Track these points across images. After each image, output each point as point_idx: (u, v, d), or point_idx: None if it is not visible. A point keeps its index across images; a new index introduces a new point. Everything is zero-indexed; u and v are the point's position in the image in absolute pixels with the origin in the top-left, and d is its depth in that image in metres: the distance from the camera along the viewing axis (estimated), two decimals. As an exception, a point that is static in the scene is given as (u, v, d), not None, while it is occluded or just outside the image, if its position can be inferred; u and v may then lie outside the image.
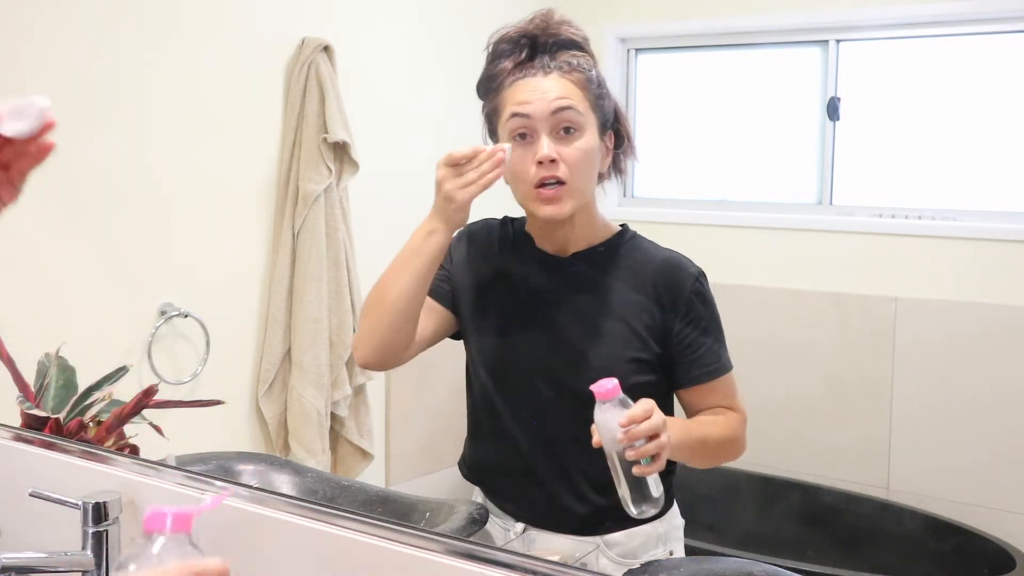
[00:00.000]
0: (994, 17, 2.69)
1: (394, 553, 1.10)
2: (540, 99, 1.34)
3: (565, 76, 1.36)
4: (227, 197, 2.26)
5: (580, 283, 1.41)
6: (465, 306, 1.46)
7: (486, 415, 1.46)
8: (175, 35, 2.11)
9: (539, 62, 1.37)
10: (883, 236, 2.83)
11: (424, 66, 2.75)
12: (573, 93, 1.35)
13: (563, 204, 1.34)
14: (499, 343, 1.43)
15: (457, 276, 1.48)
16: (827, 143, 2.96)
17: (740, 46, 3.11)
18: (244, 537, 1.21)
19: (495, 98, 1.40)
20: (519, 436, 1.42)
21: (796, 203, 3.04)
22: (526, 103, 1.34)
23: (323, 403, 2.36)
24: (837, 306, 2.87)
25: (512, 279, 1.45)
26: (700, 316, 1.39)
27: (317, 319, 2.33)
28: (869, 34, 2.91)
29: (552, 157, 1.32)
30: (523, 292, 1.44)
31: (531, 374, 1.40)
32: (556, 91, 1.34)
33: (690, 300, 1.38)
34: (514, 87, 1.37)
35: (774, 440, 2.91)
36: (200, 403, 1.75)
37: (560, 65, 1.36)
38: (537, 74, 1.36)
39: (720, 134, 3.16)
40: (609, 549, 1.39)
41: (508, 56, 1.39)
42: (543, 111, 1.33)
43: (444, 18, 2.83)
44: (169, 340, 2.14)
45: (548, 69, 1.36)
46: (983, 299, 2.67)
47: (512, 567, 1.05)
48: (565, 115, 1.33)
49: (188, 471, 1.34)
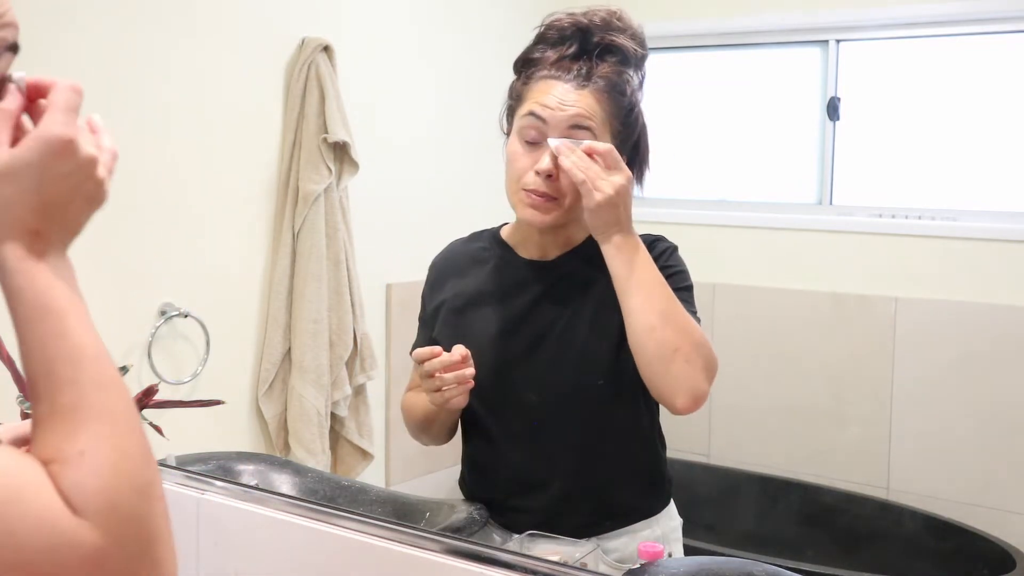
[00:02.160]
0: (994, 17, 2.69)
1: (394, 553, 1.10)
2: (561, 109, 1.30)
3: (596, 95, 1.31)
4: (227, 197, 2.26)
5: (560, 288, 1.39)
6: (447, 330, 1.44)
7: (477, 426, 1.45)
8: (174, 35, 2.11)
9: (579, 67, 1.32)
10: (883, 236, 2.83)
11: (424, 66, 2.75)
12: (596, 115, 1.31)
13: (546, 216, 1.33)
14: (485, 355, 1.39)
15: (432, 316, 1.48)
16: (827, 143, 2.96)
17: (740, 46, 3.11)
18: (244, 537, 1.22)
19: (525, 84, 1.36)
20: (512, 444, 1.42)
21: (796, 203, 3.04)
22: (546, 108, 1.31)
23: (323, 403, 2.36)
24: (837, 306, 2.87)
25: (488, 291, 1.43)
26: (667, 275, 1.34)
27: (317, 319, 2.33)
28: (869, 34, 2.91)
29: (550, 172, 1.30)
30: (501, 303, 1.42)
31: (518, 382, 1.39)
32: (579, 108, 1.30)
33: (657, 261, 1.34)
34: (544, 83, 1.33)
35: (774, 440, 2.91)
36: (200, 403, 1.75)
37: (596, 82, 1.31)
38: (571, 81, 1.31)
39: (720, 134, 3.16)
40: (607, 555, 1.39)
41: (553, 46, 1.34)
42: (559, 123, 1.30)
43: (444, 18, 2.82)
44: (169, 340, 2.14)
45: (584, 82, 1.31)
46: (983, 299, 2.67)
47: (512, 567, 1.05)
48: (579, 134, 1.30)
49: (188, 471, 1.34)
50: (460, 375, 1.30)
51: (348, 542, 1.13)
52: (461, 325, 1.43)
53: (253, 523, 1.20)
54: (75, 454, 0.63)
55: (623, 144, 1.34)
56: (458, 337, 1.41)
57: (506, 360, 1.39)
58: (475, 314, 1.43)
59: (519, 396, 1.38)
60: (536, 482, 1.41)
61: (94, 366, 0.67)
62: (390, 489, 2.45)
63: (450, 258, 1.51)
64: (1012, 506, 2.60)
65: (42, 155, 0.68)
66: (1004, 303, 2.64)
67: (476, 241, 1.50)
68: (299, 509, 1.20)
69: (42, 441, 0.65)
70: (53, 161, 0.69)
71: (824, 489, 2.84)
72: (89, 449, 0.64)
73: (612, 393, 1.33)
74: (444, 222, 2.66)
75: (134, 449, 0.66)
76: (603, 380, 1.33)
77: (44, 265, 0.69)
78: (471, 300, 1.44)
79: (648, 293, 1.27)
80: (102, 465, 0.64)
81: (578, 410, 1.38)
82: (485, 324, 1.42)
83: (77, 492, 0.62)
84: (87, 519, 0.62)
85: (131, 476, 0.65)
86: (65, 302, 0.68)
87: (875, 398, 2.81)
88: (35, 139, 0.68)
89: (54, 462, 0.63)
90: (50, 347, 0.67)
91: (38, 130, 0.69)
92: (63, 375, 0.66)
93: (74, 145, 0.70)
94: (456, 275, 1.48)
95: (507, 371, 1.39)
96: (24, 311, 0.67)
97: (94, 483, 0.63)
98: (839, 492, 2.82)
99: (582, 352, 1.35)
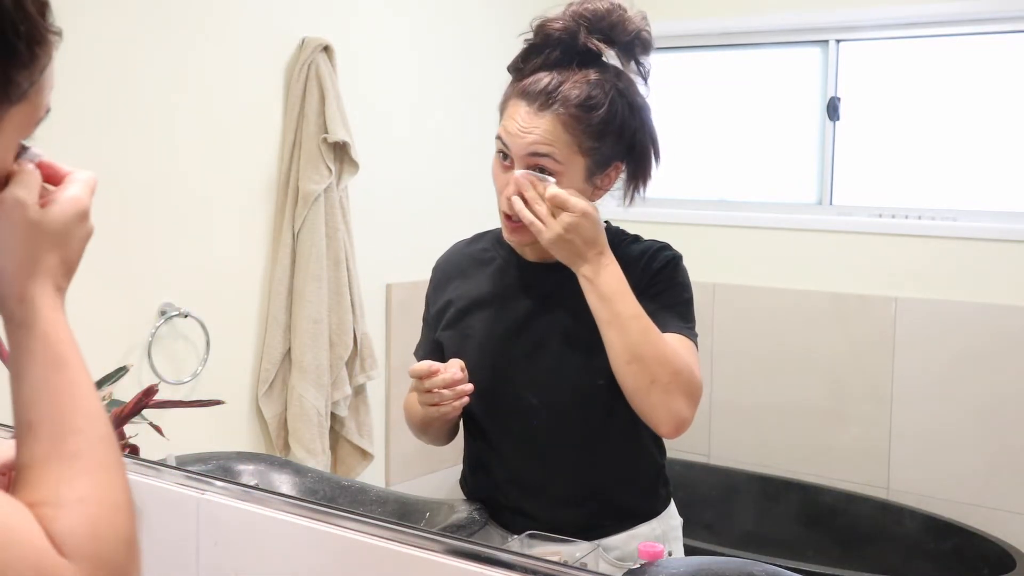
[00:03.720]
0: (994, 17, 2.69)
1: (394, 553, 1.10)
2: (520, 136, 1.29)
3: (560, 118, 1.28)
4: (227, 197, 2.26)
5: (562, 289, 1.38)
6: (450, 332, 1.45)
7: (479, 427, 1.45)
8: (174, 35, 2.11)
9: (550, 82, 1.29)
10: (883, 236, 2.83)
11: (424, 66, 2.75)
12: (558, 139, 1.28)
13: (523, 238, 1.33)
14: (486, 357, 1.40)
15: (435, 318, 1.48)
16: (827, 143, 2.96)
17: (740, 46, 3.11)
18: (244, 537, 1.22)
19: (507, 93, 1.36)
20: (512, 445, 1.42)
21: (796, 203, 3.04)
22: (508, 134, 1.30)
23: (323, 403, 2.36)
24: (837, 306, 2.87)
25: (491, 292, 1.44)
26: (662, 291, 1.35)
27: (317, 319, 2.33)
28: (869, 34, 2.91)
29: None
30: (503, 304, 1.42)
31: (519, 383, 1.39)
32: (538, 134, 1.28)
33: (655, 277, 1.35)
34: (513, 105, 1.32)
35: (774, 440, 2.91)
36: (200, 403, 1.75)
37: (562, 103, 1.28)
38: (535, 102, 1.29)
39: (720, 134, 3.16)
40: (608, 552, 1.39)
41: (538, 52, 1.32)
42: (520, 149, 1.29)
43: (444, 18, 2.82)
44: (169, 340, 2.14)
45: (547, 103, 1.28)
46: (983, 299, 2.67)
47: (512, 567, 1.05)
48: (539, 161, 1.29)
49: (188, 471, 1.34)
50: (459, 390, 1.31)
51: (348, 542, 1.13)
52: (463, 327, 1.43)
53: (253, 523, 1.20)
54: (74, 500, 0.67)
55: (603, 156, 1.32)
56: (460, 339, 1.42)
57: (507, 362, 1.39)
58: (477, 316, 1.43)
59: (520, 398, 1.38)
60: (536, 483, 1.41)
61: (99, 419, 0.73)
62: (390, 489, 2.45)
63: (453, 260, 1.51)
64: (1012, 506, 2.60)
65: (70, 217, 0.75)
66: (1004, 303, 2.64)
67: (478, 243, 1.50)
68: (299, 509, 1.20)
69: (38, 482, 0.68)
70: (76, 224, 0.76)
71: (824, 489, 2.83)
72: (87, 498, 0.68)
73: (612, 395, 1.33)
74: (444, 222, 2.67)
75: (125, 504, 0.71)
76: (603, 381, 1.33)
77: (63, 317, 0.75)
78: (474, 302, 1.44)
79: (621, 327, 1.27)
80: (98, 515, 0.68)
81: (579, 412, 1.38)
82: (487, 326, 1.42)
83: (70, 536, 0.66)
84: (74, 562, 0.65)
85: (120, 528, 0.69)
86: (78, 357, 0.74)
87: (875, 398, 2.80)
88: (67, 201, 0.76)
89: (48, 505, 0.67)
90: (64, 396, 0.71)
91: (67, 193, 0.76)
92: (72, 424, 0.70)
93: (89, 213, 0.78)
94: (459, 277, 1.48)
95: (508, 373, 1.39)
96: (41, 357, 0.72)
97: (87, 530, 0.66)
98: (839, 492, 2.82)
99: (583, 354, 1.35)
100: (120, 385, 1.49)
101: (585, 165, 1.31)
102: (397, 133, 2.66)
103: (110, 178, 2.00)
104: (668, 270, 1.37)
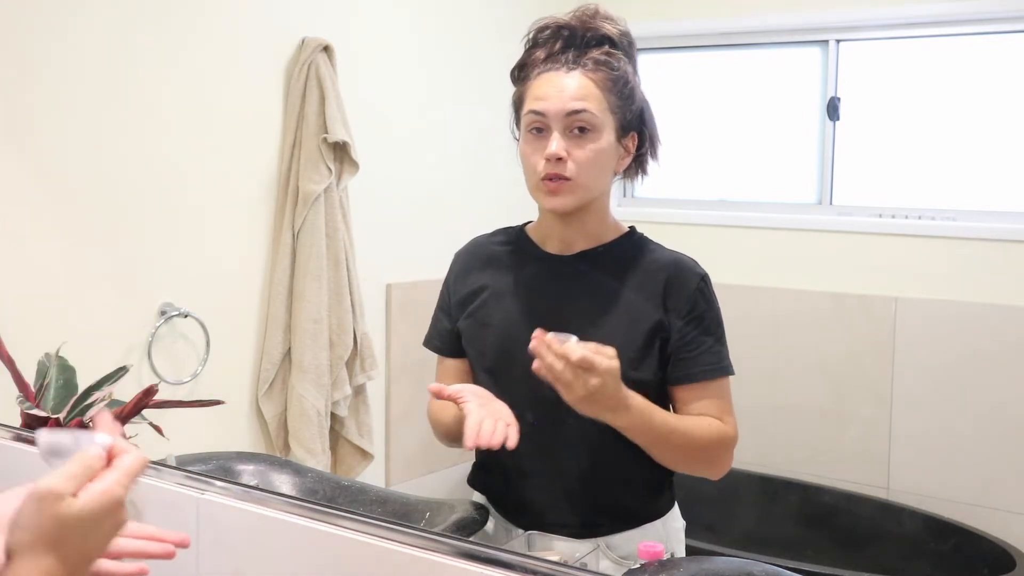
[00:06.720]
0: (994, 17, 2.69)
1: (394, 553, 1.10)
2: (556, 97, 1.34)
3: (588, 74, 1.36)
4: (227, 197, 2.26)
5: (582, 282, 1.41)
6: (469, 322, 1.47)
7: None
8: (174, 35, 2.11)
9: (567, 56, 1.37)
10: (883, 236, 2.83)
11: (424, 66, 2.75)
12: (591, 94, 1.35)
13: (566, 197, 1.36)
14: (498, 346, 1.43)
15: (456, 307, 1.50)
16: (827, 143, 2.96)
17: (740, 46, 3.11)
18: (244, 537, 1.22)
19: (522, 87, 1.41)
20: (525, 439, 1.42)
21: (796, 203, 3.04)
22: (542, 99, 1.35)
23: (323, 403, 2.35)
24: (837, 306, 2.87)
25: (510, 282, 1.46)
26: (702, 315, 1.39)
27: (317, 319, 2.33)
28: (869, 34, 2.91)
29: (559, 155, 1.33)
30: (522, 294, 1.44)
31: (530, 374, 1.40)
32: (573, 90, 1.34)
33: (694, 299, 1.38)
34: (538, 79, 1.38)
35: (774, 440, 2.91)
36: (200, 403, 1.75)
37: (585, 63, 1.36)
38: (561, 69, 1.36)
39: (720, 134, 3.16)
40: (610, 550, 1.39)
41: (542, 46, 1.40)
42: (558, 110, 1.34)
43: (444, 18, 2.82)
44: (169, 340, 2.14)
45: (572, 65, 1.36)
46: (983, 299, 2.67)
47: (512, 567, 1.05)
48: (579, 117, 1.34)
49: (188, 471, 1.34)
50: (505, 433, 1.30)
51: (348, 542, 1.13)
52: (483, 315, 1.46)
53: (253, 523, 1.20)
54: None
55: (626, 116, 1.38)
56: (479, 327, 1.45)
57: (525, 353, 1.40)
58: (497, 307, 1.45)
59: (535, 390, 1.39)
60: (545, 478, 1.42)
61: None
62: (390, 489, 2.45)
63: (474, 251, 1.53)
64: (1012, 506, 2.60)
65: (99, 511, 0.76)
66: (1004, 303, 2.64)
67: (499, 236, 1.53)
68: (299, 509, 1.20)
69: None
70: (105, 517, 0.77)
71: (824, 489, 2.84)
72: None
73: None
74: (444, 222, 2.68)
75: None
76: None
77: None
78: (494, 293, 1.46)
79: (662, 445, 1.35)
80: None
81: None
82: (506, 316, 1.44)
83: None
84: None
85: None
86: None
87: (875, 398, 2.81)
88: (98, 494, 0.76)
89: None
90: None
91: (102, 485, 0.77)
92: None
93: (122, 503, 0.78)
94: (480, 268, 1.50)
95: (526, 364, 1.40)
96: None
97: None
98: (839, 492, 2.82)
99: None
100: (120, 385, 1.49)
101: (616, 124, 1.37)
102: (397, 133, 2.66)
103: (110, 179, 2.01)
104: (707, 293, 1.41)
